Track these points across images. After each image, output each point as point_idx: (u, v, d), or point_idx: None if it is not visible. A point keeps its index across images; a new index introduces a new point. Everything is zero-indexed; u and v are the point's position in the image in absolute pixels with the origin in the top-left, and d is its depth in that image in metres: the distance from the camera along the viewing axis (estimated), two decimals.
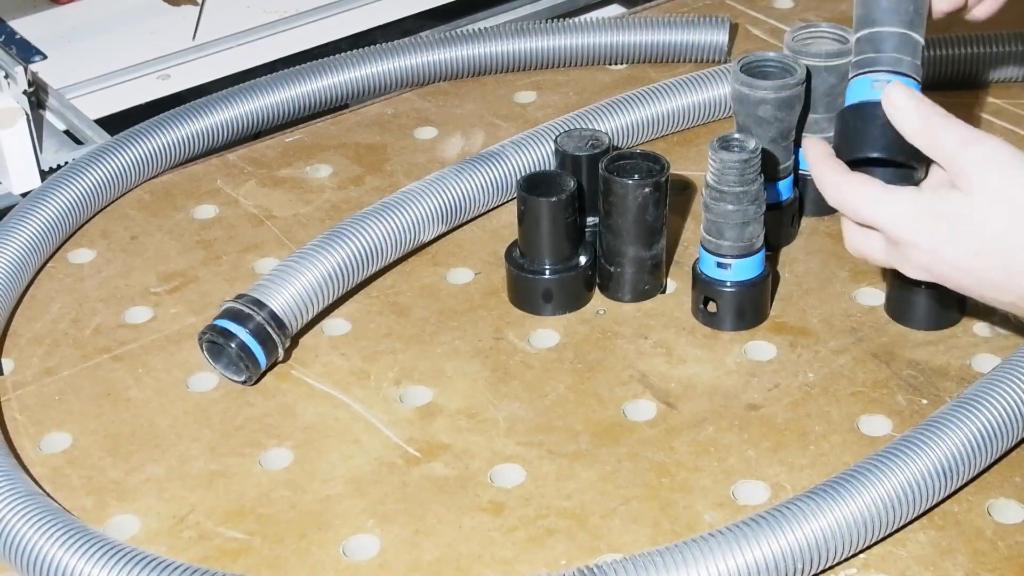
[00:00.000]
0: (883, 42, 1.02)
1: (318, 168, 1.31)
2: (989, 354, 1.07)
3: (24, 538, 0.91)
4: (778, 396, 1.05)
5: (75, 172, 1.24)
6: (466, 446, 1.02)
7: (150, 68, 1.51)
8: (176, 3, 1.62)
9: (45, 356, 1.11)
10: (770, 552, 0.88)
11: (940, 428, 0.94)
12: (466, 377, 1.07)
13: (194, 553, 0.94)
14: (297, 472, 1.00)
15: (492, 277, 1.17)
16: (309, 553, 0.94)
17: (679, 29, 1.40)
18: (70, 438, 1.04)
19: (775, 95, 1.11)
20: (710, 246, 1.09)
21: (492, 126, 1.35)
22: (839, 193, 0.97)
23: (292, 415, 1.05)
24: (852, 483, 0.91)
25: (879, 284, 1.13)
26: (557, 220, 1.10)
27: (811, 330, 1.10)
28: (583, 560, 0.93)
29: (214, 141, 1.32)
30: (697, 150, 1.29)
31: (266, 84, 1.35)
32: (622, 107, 1.28)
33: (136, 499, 0.98)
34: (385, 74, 1.37)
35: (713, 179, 1.07)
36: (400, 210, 1.16)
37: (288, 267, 1.10)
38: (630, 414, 1.04)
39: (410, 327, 1.12)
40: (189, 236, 1.23)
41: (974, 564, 0.92)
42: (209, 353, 1.08)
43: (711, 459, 1.00)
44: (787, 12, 1.50)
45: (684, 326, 1.11)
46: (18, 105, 1.29)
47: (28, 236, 1.17)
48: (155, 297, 1.16)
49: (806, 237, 1.20)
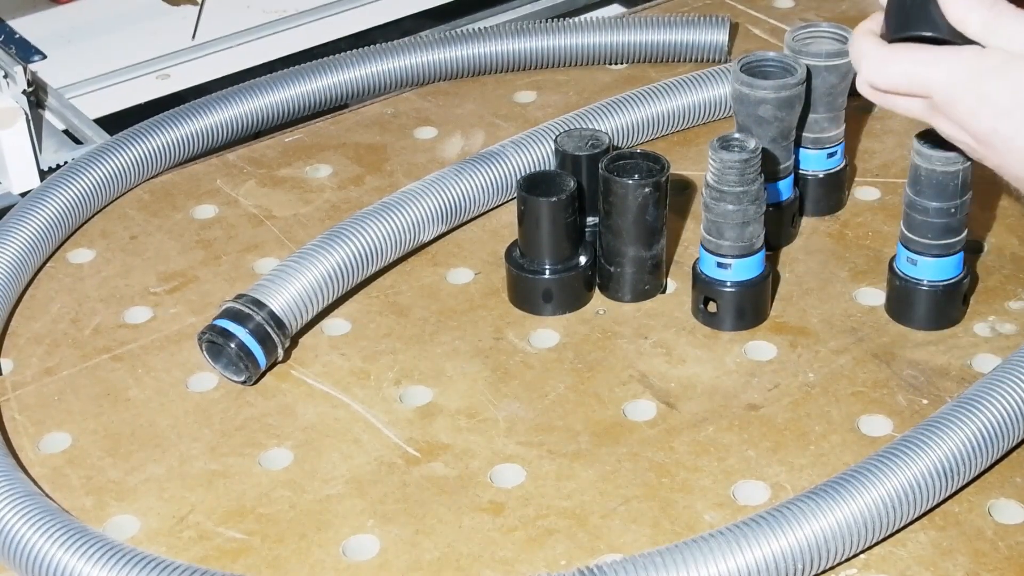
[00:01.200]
0: None
1: (318, 168, 1.31)
2: (989, 354, 1.07)
3: (24, 538, 0.91)
4: (778, 396, 1.05)
5: (74, 172, 1.24)
6: (466, 446, 1.02)
7: (150, 68, 1.51)
8: (176, 3, 1.62)
9: (45, 356, 1.11)
10: (770, 552, 0.88)
11: (940, 428, 0.94)
12: (466, 377, 1.07)
13: (194, 553, 0.94)
14: (297, 472, 1.00)
15: (492, 277, 1.17)
16: (309, 553, 0.94)
17: (679, 29, 1.40)
18: (69, 438, 1.03)
19: (775, 95, 1.11)
20: (710, 246, 1.09)
21: (492, 126, 1.35)
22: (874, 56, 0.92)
23: (292, 415, 1.05)
24: (852, 483, 0.91)
25: (879, 284, 1.13)
26: (557, 220, 1.10)
27: (811, 330, 1.10)
28: (583, 560, 0.93)
29: (214, 141, 1.32)
30: (697, 150, 1.29)
31: (266, 84, 1.34)
32: (622, 107, 1.28)
33: (136, 499, 0.98)
34: (385, 74, 1.37)
35: (713, 179, 1.07)
36: (400, 210, 1.16)
37: (288, 267, 1.10)
38: (630, 414, 1.04)
39: (410, 327, 1.12)
40: (189, 236, 1.23)
41: (974, 564, 0.91)
42: (209, 353, 1.08)
43: (711, 459, 1.00)
44: (787, 12, 1.50)
45: (684, 326, 1.11)
46: (17, 105, 1.29)
47: (27, 236, 1.17)
48: (155, 297, 1.16)
49: (806, 237, 1.20)
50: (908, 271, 1.08)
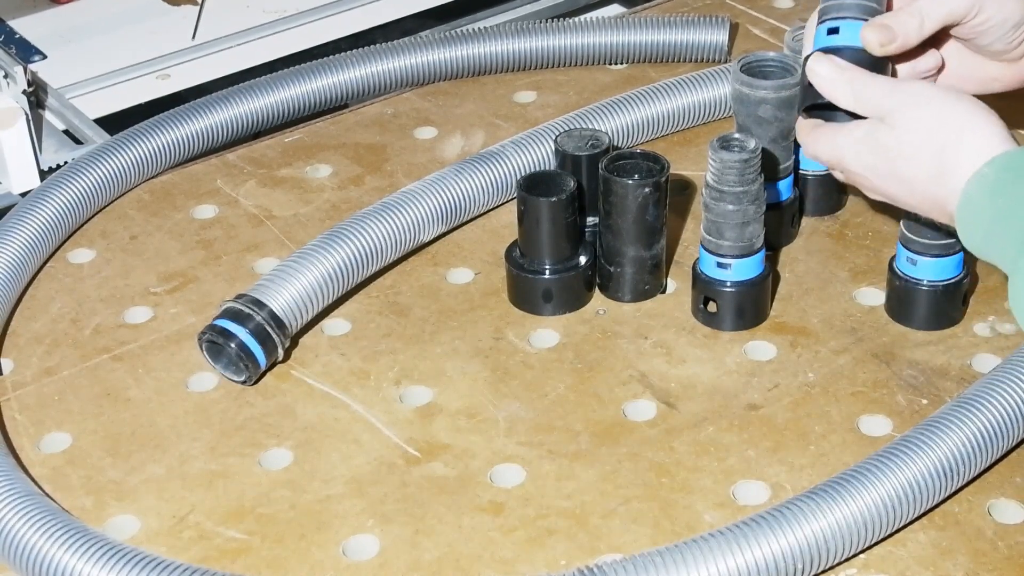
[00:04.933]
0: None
1: (318, 168, 1.30)
2: (989, 354, 1.07)
3: (24, 538, 0.91)
4: (778, 396, 1.05)
5: (74, 172, 1.24)
6: (466, 446, 1.02)
7: (150, 68, 1.51)
8: (176, 3, 1.62)
9: (45, 356, 1.11)
10: (770, 552, 0.88)
11: (940, 428, 0.94)
12: (466, 377, 1.07)
13: (194, 553, 0.94)
14: (297, 472, 1.00)
15: (492, 277, 1.17)
16: (309, 553, 0.94)
17: (679, 29, 1.40)
18: (70, 438, 1.03)
19: (775, 95, 1.11)
20: (710, 246, 1.09)
21: (492, 126, 1.35)
22: (801, 133, 1.02)
23: (292, 415, 1.05)
24: (852, 483, 0.91)
25: (879, 284, 1.13)
26: (557, 220, 1.10)
27: (811, 330, 1.10)
28: (583, 560, 0.93)
29: (214, 141, 1.32)
30: (697, 150, 1.29)
31: (266, 84, 1.34)
32: (622, 107, 1.28)
33: (136, 499, 0.98)
34: (385, 74, 1.37)
35: (713, 179, 1.07)
36: (400, 210, 1.16)
37: (288, 267, 1.10)
38: (630, 414, 1.04)
39: (410, 327, 1.12)
40: (189, 236, 1.23)
41: (974, 564, 0.91)
42: (209, 353, 1.08)
43: (711, 459, 1.00)
44: (787, 12, 1.50)
45: (684, 326, 1.11)
46: (17, 105, 1.29)
47: (27, 236, 1.17)
48: (155, 297, 1.16)
49: (806, 237, 1.20)
50: (908, 271, 1.08)
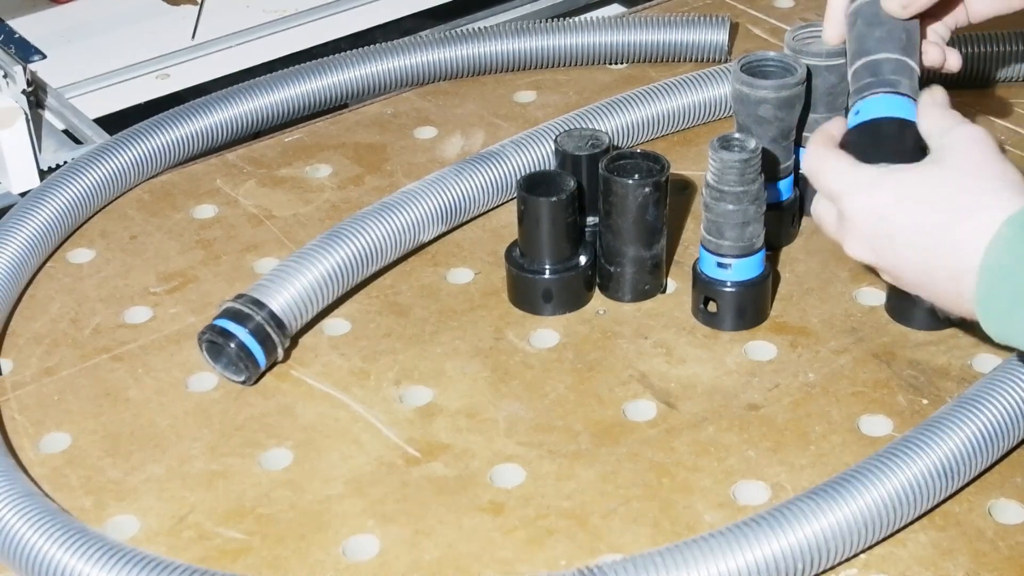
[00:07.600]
0: (880, 67, 1.02)
1: (318, 168, 1.30)
2: (990, 354, 1.07)
3: (24, 538, 0.91)
4: (778, 396, 1.05)
5: (74, 172, 1.24)
6: (466, 446, 1.01)
7: (149, 67, 1.51)
8: (175, 3, 1.62)
9: (44, 356, 1.11)
10: (770, 552, 0.88)
11: (941, 428, 0.94)
12: (466, 377, 1.07)
13: (194, 553, 0.94)
14: (297, 472, 1.00)
15: (492, 277, 1.17)
16: (309, 553, 0.94)
17: (679, 28, 1.40)
18: (69, 438, 1.03)
19: (775, 95, 1.11)
20: (710, 246, 1.09)
21: (492, 126, 1.35)
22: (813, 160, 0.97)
23: (292, 415, 1.05)
24: (853, 483, 0.91)
25: (879, 284, 1.13)
26: (557, 220, 1.10)
27: (811, 330, 1.10)
28: (583, 560, 0.93)
29: (214, 141, 1.32)
30: (697, 150, 1.29)
31: (266, 84, 1.34)
32: (622, 107, 1.28)
33: (135, 499, 0.98)
34: (385, 74, 1.37)
35: (713, 179, 1.07)
36: (400, 210, 1.16)
37: (288, 267, 1.10)
38: (630, 414, 1.04)
39: (410, 327, 1.12)
40: (189, 236, 1.23)
41: (975, 564, 0.91)
42: (209, 353, 1.07)
43: (711, 459, 1.00)
44: (787, 11, 1.50)
45: (684, 326, 1.11)
46: (17, 105, 1.29)
47: (27, 236, 1.17)
48: (155, 297, 1.16)
49: (806, 237, 1.20)
50: None
